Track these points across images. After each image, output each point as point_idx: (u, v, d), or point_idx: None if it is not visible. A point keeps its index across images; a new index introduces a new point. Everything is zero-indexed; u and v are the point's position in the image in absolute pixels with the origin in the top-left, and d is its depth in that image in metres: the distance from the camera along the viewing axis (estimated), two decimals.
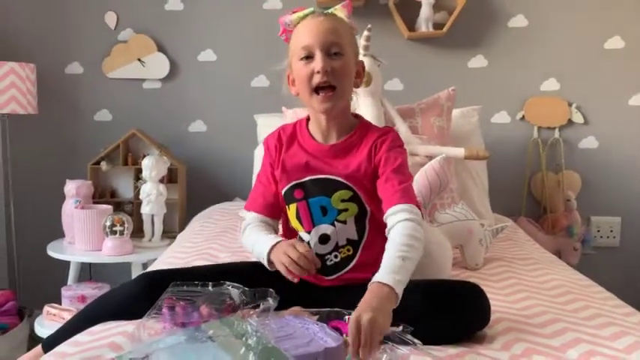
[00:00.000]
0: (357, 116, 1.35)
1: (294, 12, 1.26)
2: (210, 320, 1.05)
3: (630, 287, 2.50)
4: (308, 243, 1.26)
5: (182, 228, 2.32)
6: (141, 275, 1.23)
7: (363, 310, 0.95)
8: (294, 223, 1.29)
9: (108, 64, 2.56)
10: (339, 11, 1.26)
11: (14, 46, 2.54)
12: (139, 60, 2.55)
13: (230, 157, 2.58)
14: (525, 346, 1.03)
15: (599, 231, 2.56)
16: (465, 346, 1.07)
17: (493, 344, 1.06)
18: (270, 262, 1.20)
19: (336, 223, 1.25)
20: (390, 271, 1.04)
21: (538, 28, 2.49)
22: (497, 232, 1.66)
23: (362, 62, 1.31)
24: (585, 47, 2.49)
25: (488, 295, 1.31)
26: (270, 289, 1.08)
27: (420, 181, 1.57)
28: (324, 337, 1.02)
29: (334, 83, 1.20)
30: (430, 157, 1.80)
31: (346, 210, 1.25)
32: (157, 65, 2.55)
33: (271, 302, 1.07)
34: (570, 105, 2.51)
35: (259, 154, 2.25)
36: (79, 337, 1.07)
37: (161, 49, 2.55)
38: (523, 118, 2.53)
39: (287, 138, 1.31)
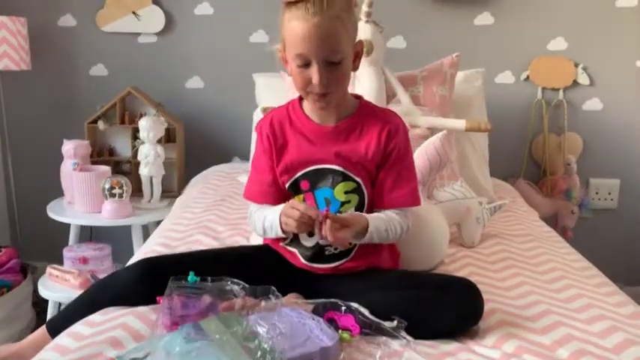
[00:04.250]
0: (357, 97, 1.32)
1: None
2: (209, 315, 1.08)
3: (627, 250, 2.54)
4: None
5: (181, 187, 2.32)
6: (137, 262, 1.26)
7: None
8: None
9: (102, 17, 2.47)
10: None
11: None
12: (134, 13, 2.46)
13: (228, 115, 2.54)
14: (517, 344, 1.05)
15: (597, 193, 2.56)
16: (458, 341, 1.09)
17: (485, 340, 1.08)
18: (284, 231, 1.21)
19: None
20: (376, 226, 1.20)
21: None
22: (494, 210, 1.66)
23: (361, 43, 1.23)
24: (596, 5, 2.40)
25: (484, 281, 1.34)
26: (272, 287, 1.09)
27: (419, 159, 1.55)
28: (320, 334, 1.04)
29: (330, 90, 1.17)
30: (431, 129, 1.78)
31: (349, 202, 1.24)
32: (153, 19, 2.46)
33: (273, 300, 1.09)
34: (577, 66, 2.44)
35: (258, 116, 2.22)
36: (80, 328, 1.09)
37: (156, 1, 2.45)
38: (527, 78, 2.47)
39: (279, 124, 1.27)
